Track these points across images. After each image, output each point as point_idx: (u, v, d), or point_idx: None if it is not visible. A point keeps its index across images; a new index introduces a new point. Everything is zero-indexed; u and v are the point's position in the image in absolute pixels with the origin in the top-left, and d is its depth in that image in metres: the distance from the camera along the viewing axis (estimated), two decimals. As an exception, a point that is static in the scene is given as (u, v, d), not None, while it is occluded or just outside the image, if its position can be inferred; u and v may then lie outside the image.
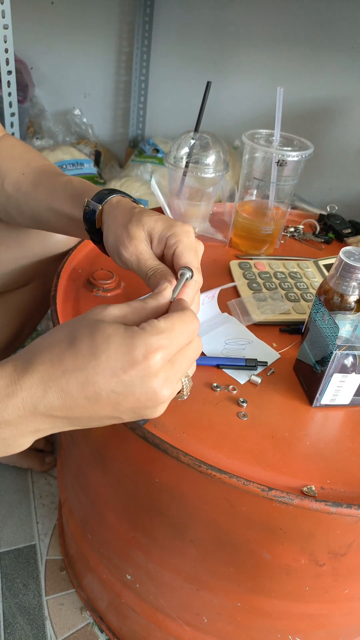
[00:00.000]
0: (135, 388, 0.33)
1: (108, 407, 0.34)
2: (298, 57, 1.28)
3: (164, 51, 1.45)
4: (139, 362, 0.33)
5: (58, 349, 0.34)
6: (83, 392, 0.33)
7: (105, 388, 0.33)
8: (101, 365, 0.33)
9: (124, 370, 0.33)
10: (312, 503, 0.40)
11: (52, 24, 1.50)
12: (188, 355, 0.37)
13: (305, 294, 0.67)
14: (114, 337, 0.33)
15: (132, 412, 0.35)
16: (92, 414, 0.34)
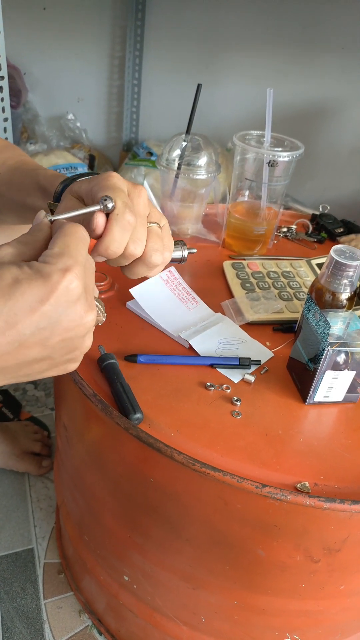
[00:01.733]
0: (60, 316, 0.31)
1: (36, 347, 0.32)
2: (289, 58, 1.29)
3: (156, 55, 1.46)
4: (55, 289, 0.31)
5: None
6: (4, 338, 0.30)
7: (28, 326, 0.30)
8: (17, 304, 0.30)
9: (42, 302, 0.30)
10: (305, 499, 0.41)
11: (44, 29, 1.51)
12: (91, 271, 0.35)
13: (298, 293, 0.67)
14: (22, 275, 0.31)
15: (63, 346, 0.33)
16: (19, 360, 0.32)
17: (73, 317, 0.32)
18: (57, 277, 0.31)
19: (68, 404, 0.58)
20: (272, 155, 0.68)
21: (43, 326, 0.31)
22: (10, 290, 0.30)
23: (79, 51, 1.52)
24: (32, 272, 0.31)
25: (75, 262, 0.32)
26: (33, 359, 0.32)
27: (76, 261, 0.32)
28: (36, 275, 0.31)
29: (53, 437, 1.01)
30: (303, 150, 0.69)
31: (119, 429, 0.46)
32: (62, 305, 0.31)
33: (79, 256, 0.33)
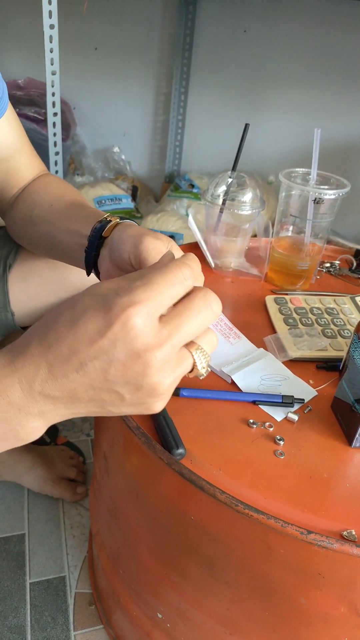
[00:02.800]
0: (116, 352, 0.30)
1: (99, 380, 0.31)
2: (331, 95, 1.31)
3: (201, 92, 1.50)
4: (113, 322, 0.30)
5: (44, 326, 0.33)
6: (69, 364, 0.31)
7: (87, 356, 0.31)
8: (79, 332, 0.31)
9: (100, 334, 0.30)
10: (352, 548, 0.39)
11: (94, 67, 1.59)
12: (190, 310, 0.32)
13: (343, 331, 0.66)
14: (91, 305, 0.31)
15: (126, 382, 0.32)
16: (86, 389, 0.32)
17: (130, 354, 0.30)
18: (118, 310, 0.30)
19: (110, 434, 0.59)
20: (318, 192, 0.68)
21: (102, 358, 0.31)
22: (78, 318, 0.31)
23: (126, 88, 1.58)
24: (100, 302, 0.31)
25: (149, 298, 0.30)
26: (100, 390, 0.32)
27: (151, 298, 0.30)
28: (101, 306, 0.31)
29: (88, 463, 1.02)
30: (349, 188, 0.69)
31: (161, 464, 0.46)
32: (119, 340, 0.30)
33: (159, 294, 0.31)
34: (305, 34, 1.29)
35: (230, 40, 1.40)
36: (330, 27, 1.25)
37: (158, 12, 1.46)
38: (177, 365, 0.32)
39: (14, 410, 0.33)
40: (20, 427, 0.33)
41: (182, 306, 0.32)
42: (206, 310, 0.33)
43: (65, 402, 0.33)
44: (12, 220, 0.65)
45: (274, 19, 1.32)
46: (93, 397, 0.32)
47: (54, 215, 0.58)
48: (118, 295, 0.31)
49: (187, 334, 0.32)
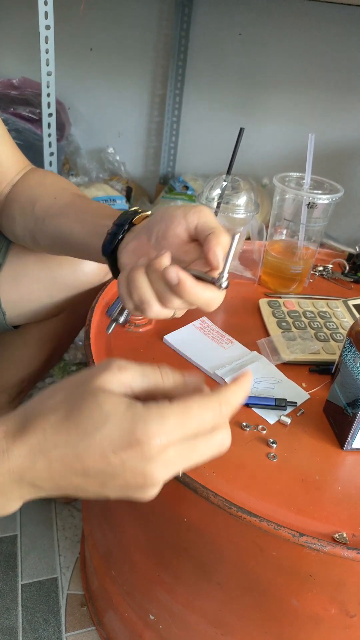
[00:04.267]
0: (125, 472, 0.30)
1: (95, 485, 0.32)
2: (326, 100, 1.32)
3: (196, 94, 1.51)
4: (133, 446, 0.30)
5: (54, 418, 0.32)
6: (72, 469, 0.31)
7: (94, 467, 0.31)
8: (94, 444, 0.30)
9: (115, 453, 0.30)
10: (343, 551, 0.40)
11: (90, 68, 1.58)
12: (205, 445, 0.32)
13: (335, 334, 0.67)
14: (112, 417, 0.30)
15: (119, 491, 0.32)
16: (78, 488, 0.32)
17: (136, 475, 0.31)
18: (142, 437, 0.30)
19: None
20: (312, 197, 0.69)
21: (108, 472, 0.31)
22: (94, 428, 0.30)
23: (121, 89, 1.58)
24: (125, 417, 0.30)
25: (175, 431, 0.30)
26: (90, 491, 0.32)
27: (177, 432, 0.30)
28: (124, 424, 0.30)
29: (81, 464, 1.02)
30: (342, 193, 0.70)
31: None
32: (130, 461, 0.30)
33: (186, 429, 0.31)
34: (300, 38, 1.30)
35: (225, 42, 1.40)
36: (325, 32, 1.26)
37: (154, 14, 1.46)
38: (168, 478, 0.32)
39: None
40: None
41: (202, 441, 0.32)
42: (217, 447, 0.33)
43: (50, 492, 0.33)
44: (10, 216, 0.64)
45: (269, 22, 1.32)
46: (79, 490, 0.32)
47: (61, 208, 0.58)
48: (147, 419, 0.30)
49: (191, 464, 0.32)
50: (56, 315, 0.79)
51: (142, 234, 0.49)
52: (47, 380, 1.22)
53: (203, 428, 0.32)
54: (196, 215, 0.44)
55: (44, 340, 0.83)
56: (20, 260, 0.71)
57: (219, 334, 0.65)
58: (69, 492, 0.33)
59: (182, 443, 0.31)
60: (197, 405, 0.31)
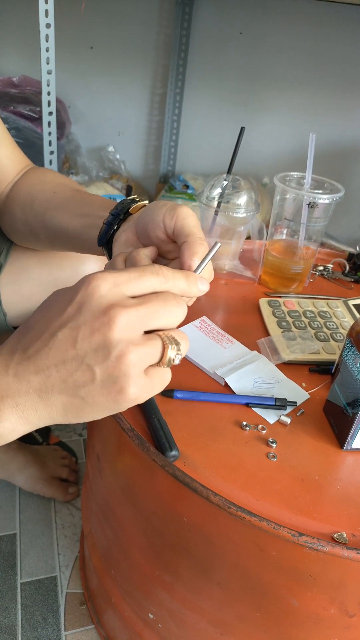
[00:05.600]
0: (82, 315, 0.31)
1: (68, 350, 0.31)
2: (327, 99, 1.32)
3: (197, 93, 1.51)
4: (79, 289, 0.32)
5: (24, 321, 0.35)
6: (41, 340, 0.32)
7: (56, 326, 0.32)
8: (51, 309, 0.33)
9: (67, 302, 0.32)
10: (343, 551, 0.40)
11: (90, 66, 1.58)
12: (159, 299, 0.33)
13: (335, 334, 0.67)
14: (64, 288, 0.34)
15: (95, 350, 0.31)
16: (60, 370, 0.32)
17: (94, 314, 0.31)
18: (84, 280, 0.32)
19: (103, 434, 0.59)
20: (313, 197, 0.69)
21: (70, 325, 0.32)
22: (51, 300, 0.34)
23: (121, 87, 1.58)
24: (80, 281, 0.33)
25: (119, 276, 0.32)
26: (70, 365, 0.32)
27: (120, 276, 0.32)
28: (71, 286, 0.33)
29: (80, 463, 1.02)
30: (343, 193, 0.70)
31: (154, 465, 0.47)
32: (85, 304, 0.32)
33: (128, 276, 0.33)
34: (300, 37, 1.30)
35: (226, 41, 1.40)
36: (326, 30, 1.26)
37: (154, 13, 1.46)
38: (145, 345, 0.32)
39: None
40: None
41: (153, 295, 0.33)
42: (175, 304, 0.34)
43: (39, 390, 0.32)
44: (11, 214, 0.64)
45: (270, 21, 1.32)
46: (65, 378, 0.32)
47: (60, 202, 0.58)
48: (97, 273, 0.33)
49: (153, 314, 0.32)
50: None
51: (132, 226, 0.49)
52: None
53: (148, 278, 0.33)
54: (173, 220, 0.43)
55: None
56: (22, 262, 0.71)
57: (219, 334, 0.65)
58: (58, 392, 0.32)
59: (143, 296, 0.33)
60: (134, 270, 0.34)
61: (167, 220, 0.43)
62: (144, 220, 0.46)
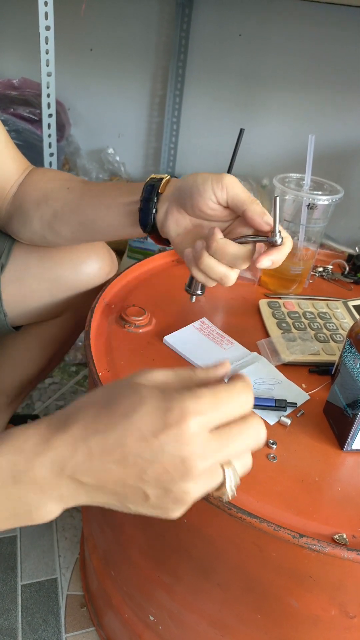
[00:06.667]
0: (163, 455, 0.30)
1: (133, 475, 0.31)
2: (326, 101, 1.32)
3: (196, 94, 1.51)
4: (171, 426, 0.30)
5: (94, 409, 0.32)
6: (111, 455, 0.31)
7: (132, 451, 0.31)
8: (132, 427, 0.31)
9: (154, 435, 0.30)
10: (343, 552, 0.40)
11: (90, 68, 1.58)
12: (241, 434, 0.32)
13: (335, 335, 0.67)
14: (149, 399, 0.31)
15: (158, 483, 0.31)
16: (117, 483, 0.32)
17: (174, 459, 0.30)
18: (180, 415, 0.30)
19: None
20: (312, 198, 0.69)
21: (145, 457, 0.31)
22: (133, 411, 0.31)
23: (121, 89, 1.58)
24: (160, 400, 0.31)
25: (210, 411, 0.31)
26: (129, 485, 0.32)
27: (212, 411, 0.31)
28: (161, 405, 0.31)
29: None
30: (342, 194, 0.70)
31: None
32: (169, 444, 0.30)
33: (220, 410, 0.32)
34: (300, 39, 1.30)
35: (225, 43, 1.40)
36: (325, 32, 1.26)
37: (154, 14, 1.46)
38: (208, 479, 0.32)
39: (35, 490, 0.32)
40: (35, 509, 0.32)
41: (236, 427, 0.32)
42: (255, 436, 0.33)
43: (89, 490, 0.32)
44: (23, 213, 0.65)
45: (270, 23, 1.32)
46: (119, 491, 0.32)
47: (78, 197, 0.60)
48: (182, 398, 0.31)
49: (231, 454, 0.32)
50: (57, 317, 0.79)
51: (172, 205, 0.53)
52: (47, 380, 1.22)
53: (235, 412, 0.32)
54: (224, 191, 0.48)
55: (45, 342, 0.83)
56: (23, 260, 0.72)
57: (219, 335, 0.65)
58: (105, 495, 0.32)
59: (218, 431, 0.31)
60: (224, 389, 0.32)
61: (218, 192, 0.48)
62: (188, 195, 0.50)
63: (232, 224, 0.51)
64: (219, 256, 0.48)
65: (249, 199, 0.48)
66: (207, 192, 0.48)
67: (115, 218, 0.58)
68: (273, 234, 0.48)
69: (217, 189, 0.48)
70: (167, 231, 0.54)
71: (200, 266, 0.49)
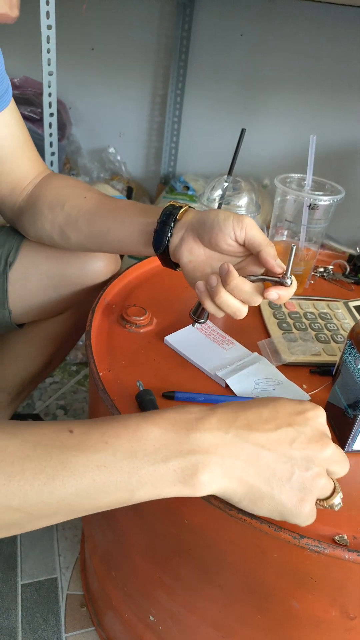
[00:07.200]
0: (306, 428, 0.38)
1: (285, 443, 0.38)
2: (327, 101, 1.32)
3: (197, 94, 1.51)
4: (307, 410, 0.40)
5: (241, 402, 0.41)
6: (267, 424, 0.38)
7: (285, 422, 0.38)
8: (281, 406, 0.39)
9: (299, 412, 0.39)
10: (344, 553, 0.40)
11: (91, 67, 1.58)
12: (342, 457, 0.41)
13: (336, 336, 0.67)
14: (288, 400, 0.41)
15: (303, 457, 0.38)
16: (270, 455, 0.37)
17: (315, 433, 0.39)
18: (311, 406, 0.41)
19: (103, 437, 0.59)
20: (313, 198, 0.69)
21: (294, 428, 0.38)
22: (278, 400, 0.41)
23: (122, 89, 1.58)
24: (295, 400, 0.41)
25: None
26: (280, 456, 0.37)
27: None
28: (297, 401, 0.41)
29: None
30: (344, 194, 0.70)
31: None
32: (309, 421, 0.39)
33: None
34: (301, 39, 1.30)
35: (226, 43, 1.40)
36: (327, 33, 1.26)
37: (155, 14, 1.46)
38: (328, 479, 0.39)
39: (203, 445, 0.36)
40: (200, 471, 0.36)
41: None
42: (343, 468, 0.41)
43: (246, 460, 0.37)
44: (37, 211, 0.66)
45: (271, 23, 1.32)
46: (269, 464, 0.37)
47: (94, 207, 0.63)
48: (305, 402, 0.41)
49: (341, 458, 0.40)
50: (60, 314, 0.79)
51: (189, 233, 0.56)
52: (48, 380, 1.22)
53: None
54: (244, 231, 0.52)
55: (47, 340, 0.83)
56: (32, 257, 0.73)
57: (219, 335, 0.65)
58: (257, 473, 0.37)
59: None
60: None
61: (238, 231, 0.52)
62: (209, 229, 0.53)
63: (243, 261, 0.55)
64: (236, 293, 0.51)
65: (265, 241, 0.52)
66: (227, 228, 0.52)
67: (128, 234, 0.60)
68: (285, 276, 0.51)
69: (238, 228, 0.52)
70: (179, 256, 0.57)
71: (217, 301, 0.51)
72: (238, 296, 0.51)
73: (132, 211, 0.61)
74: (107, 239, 0.62)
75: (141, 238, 0.59)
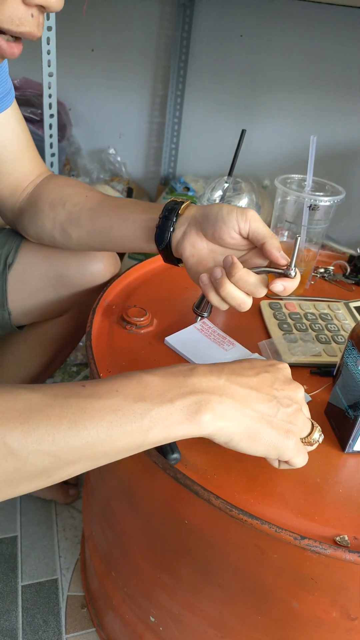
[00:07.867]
0: (278, 375, 0.44)
1: (268, 385, 0.43)
2: (328, 101, 1.32)
3: (197, 95, 1.51)
4: (275, 364, 0.45)
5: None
6: (249, 370, 0.43)
7: (262, 370, 0.44)
8: (254, 361, 0.45)
9: (269, 365, 0.45)
10: (345, 554, 0.40)
11: (91, 68, 1.58)
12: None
13: (337, 336, 0.67)
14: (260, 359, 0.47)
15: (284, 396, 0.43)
16: (258, 394, 0.42)
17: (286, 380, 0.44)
18: (276, 363, 0.46)
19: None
20: (314, 199, 0.69)
21: (271, 374, 0.44)
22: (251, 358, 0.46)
23: (122, 89, 1.58)
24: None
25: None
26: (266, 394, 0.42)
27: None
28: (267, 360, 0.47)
29: (81, 465, 1.02)
30: (344, 195, 0.70)
31: (155, 468, 0.47)
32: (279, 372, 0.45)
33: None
34: (301, 39, 1.30)
35: (226, 44, 1.40)
36: (327, 33, 1.26)
37: (155, 15, 1.46)
38: (305, 416, 0.44)
39: (202, 386, 0.40)
40: (203, 409, 0.39)
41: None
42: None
43: (241, 400, 0.41)
44: (38, 210, 0.66)
45: (271, 23, 1.32)
46: (259, 403, 0.41)
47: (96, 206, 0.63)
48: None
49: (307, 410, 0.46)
50: (60, 316, 0.79)
51: (192, 228, 0.56)
52: (48, 381, 1.22)
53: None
54: (247, 224, 0.52)
55: (48, 341, 0.83)
56: (30, 260, 0.73)
57: (220, 336, 0.65)
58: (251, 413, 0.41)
59: None
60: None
61: (242, 224, 0.52)
62: (212, 222, 0.54)
63: (247, 254, 0.55)
64: (241, 284, 0.51)
65: (269, 233, 0.52)
66: (231, 221, 0.52)
67: (130, 231, 0.61)
68: (289, 268, 0.51)
69: (242, 221, 0.52)
70: (182, 251, 0.57)
71: (221, 293, 0.52)
72: (243, 288, 0.52)
73: (134, 208, 0.61)
74: (110, 236, 0.62)
75: (143, 234, 0.60)
